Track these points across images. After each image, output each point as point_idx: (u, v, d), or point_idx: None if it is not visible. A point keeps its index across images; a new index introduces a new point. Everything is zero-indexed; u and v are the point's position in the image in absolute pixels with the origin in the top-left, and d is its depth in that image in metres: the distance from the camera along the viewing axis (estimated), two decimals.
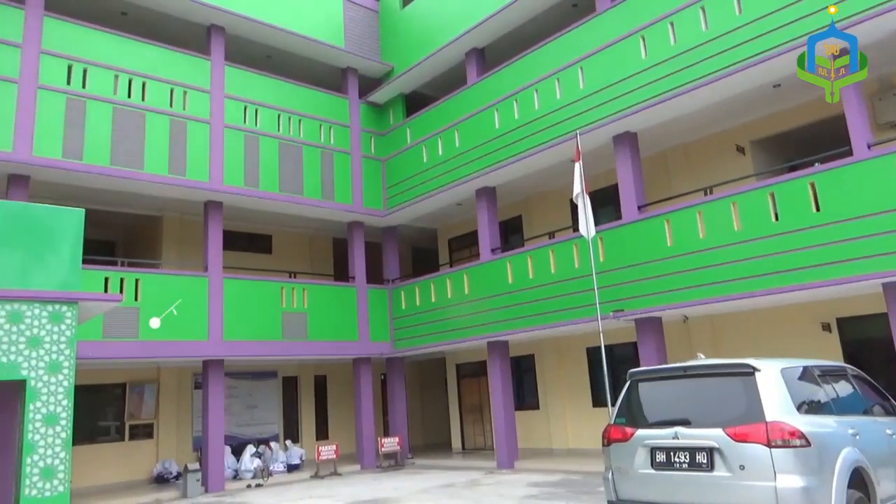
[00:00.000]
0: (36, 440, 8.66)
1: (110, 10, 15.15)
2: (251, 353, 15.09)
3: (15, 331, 8.89)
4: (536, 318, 13.68)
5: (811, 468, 5.19)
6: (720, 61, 11.07)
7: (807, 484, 5.12)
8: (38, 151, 12.76)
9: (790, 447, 5.20)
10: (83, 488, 14.28)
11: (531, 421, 16.84)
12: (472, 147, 15.69)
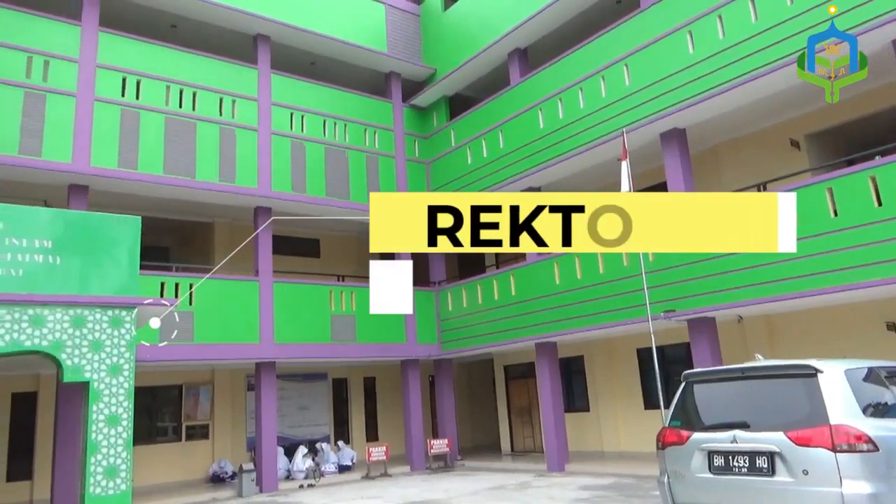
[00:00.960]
0: (99, 440, 9.00)
1: (161, 24, 15.62)
2: (301, 356, 15.34)
3: (78, 335, 9.26)
4: (585, 318, 13.52)
5: (879, 474, 4.99)
6: (771, 54, 10.76)
7: (875, 490, 4.92)
8: (95, 162, 13.23)
9: (856, 452, 5.01)
10: (142, 487, 14.72)
11: (581, 423, 16.65)
12: (517, 148, 15.63)
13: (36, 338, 8.93)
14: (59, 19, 13.47)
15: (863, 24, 9.54)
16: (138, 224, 10.47)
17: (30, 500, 14.31)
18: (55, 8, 14.02)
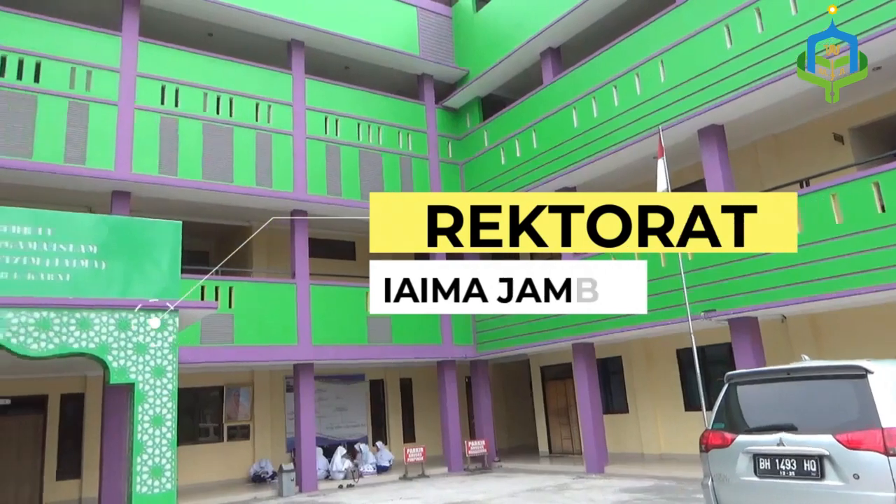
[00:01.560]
0: (144, 440, 9.19)
1: (197, 32, 15.94)
2: (338, 357, 15.48)
3: (123, 337, 9.48)
4: (622, 319, 13.36)
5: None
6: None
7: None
8: (137, 169, 13.56)
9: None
10: (186, 486, 15.01)
11: (620, 425, 16.45)
12: (551, 147, 15.53)
13: (83, 340, 9.16)
14: (101, 31, 13.84)
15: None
16: (179, 228, 10.68)
17: (79, 499, 14.74)
18: (97, 20, 14.42)
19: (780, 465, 5.49)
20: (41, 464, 14.66)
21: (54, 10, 14.14)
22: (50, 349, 8.96)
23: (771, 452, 5.57)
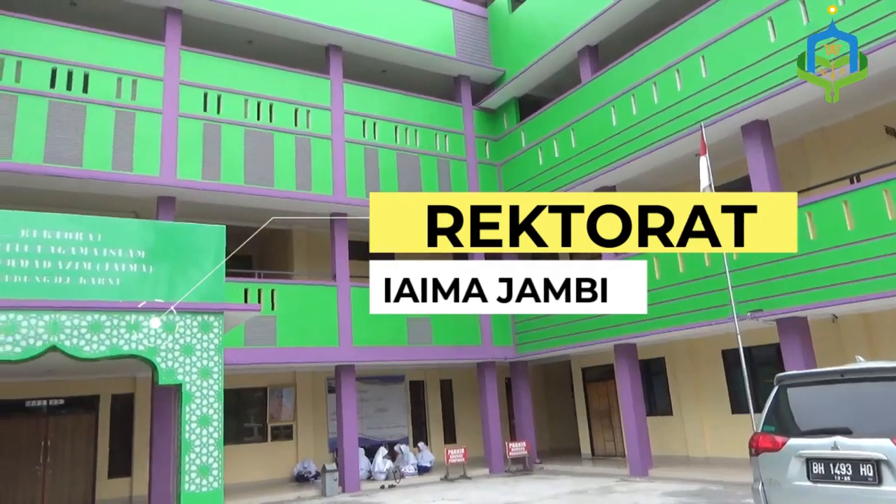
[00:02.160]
0: (192, 440, 9.40)
1: (238, 40, 16.24)
2: (379, 358, 15.58)
3: (171, 339, 9.71)
4: (665, 319, 13.15)
5: None
6: (861, 37, 10.13)
7: None
8: (181, 174, 13.88)
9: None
10: (231, 485, 15.27)
11: (665, 427, 16.18)
12: (589, 147, 15.38)
13: (133, 342, 9.42)
14: (145, 41, 14.22)
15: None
16: (223, 232, 10.90)
17: (129, 496, 15.15)
18: (141, 31, 14.81)
19: (835, 470, 5.32)
20: (94, 462, 15.12)
21: (101, 23, 14.57)
22: (101, 351, 9.23)
23: (825, 456, 5.40)
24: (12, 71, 12.72)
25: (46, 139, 12.69)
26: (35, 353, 8.83)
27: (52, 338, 8.91)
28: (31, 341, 8.80)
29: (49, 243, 9.52)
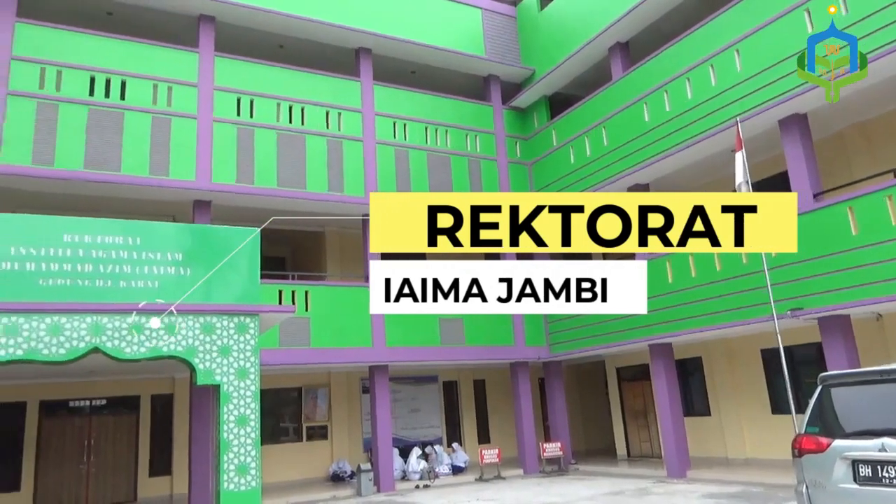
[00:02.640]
0: (230, 439, 9.54)
1: (269, 45, 16.45)
2: (412, 359, 15.63)
3: (208, 341, 9.87)
4: (702, 318, 12.93)
5: None
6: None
7: None
8: (216, 178, 14.12)
9: None
10: (268, 484, 15.47)
11: (702, 428, 15.89)
12: (621, 144, 15.22)
13: (172, 344, 9.59)
14: (180, 48, 14.50)
15: None
16: (257, 235, 11.04)
17: (170, 494, 15.45)
18: (176, 38, 15.10)
19: (884, 473, 5.18)
20: (135, 461, 15.46)
21: (137, 31, 14.89)
22: (142, 352, 9.43)
23: (872, 458, 5.26)
24: (53, 80, 13.08)
25: (86, 146, 13.02)
26: (78, 355, 9.05)
27: (94, 339, 9.13)
28: (75, 343, 9.03)
29: (90, 247, 9.75)
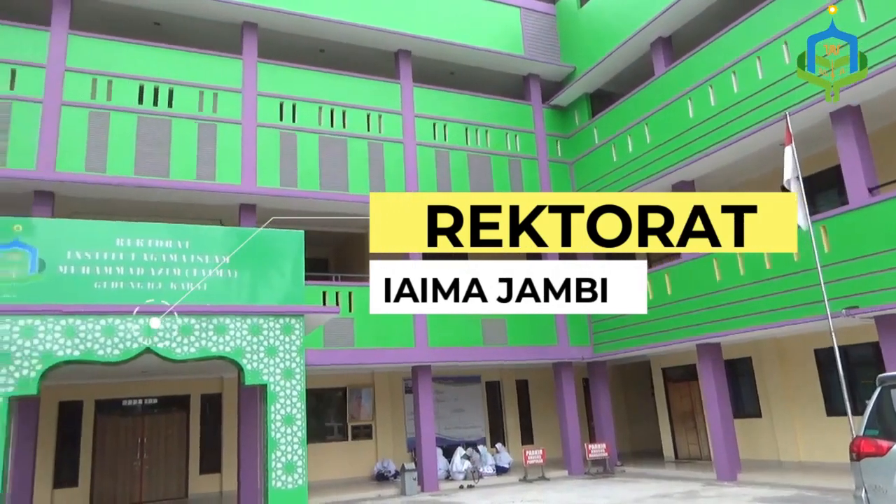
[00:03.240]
0: (277, 438, 9.71)
1: (311, 49, 16.68)
2: (455, 359, 15.63)
3: (255, 341, 10.06)
4: (752, 317, 12.61)
5: None
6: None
7: None
8: (261, 182, 14.38)
9: None
10: (314, 482, 15.64)
11: (753, 430, 15.48)
12: (665, 141, 14.97)
13: (220, 344, 9.82)
14: (224, 55, 14.82)
15: None
16: (301, 237, 11.21)
17: (219, 491, 15.80)
18: (220, 45, 15.43)
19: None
20: (186, 458, 15.86)
21: (183, 40, 15.28)
22: (192, 353, 9.66)
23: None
24: (104, 89, 13.51)
25: (136, 152, 13.41)
26: (132, 355, 9.33)
27: (146, 340, 9.40)
28: (128, 344, 9.31)
29: (142, 251, 10.05)
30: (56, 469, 14.68)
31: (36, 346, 8.84)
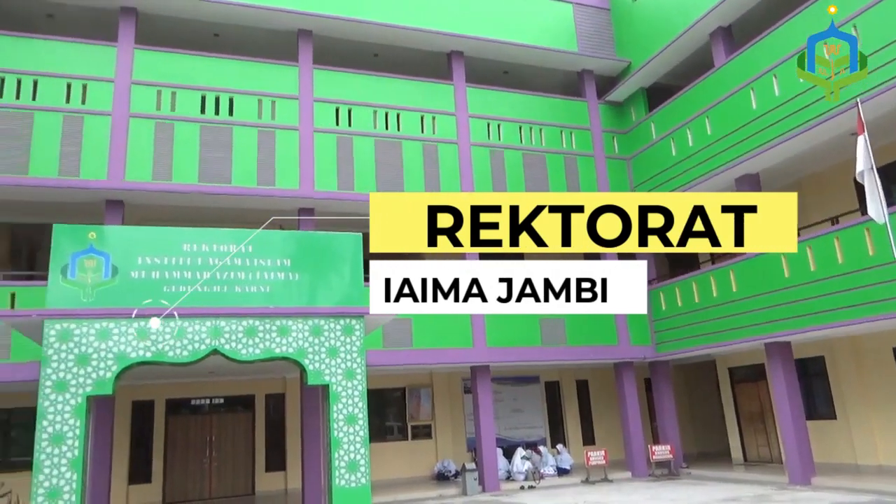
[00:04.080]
0: (340, 437, 9.86)
1: (364, 53, 16.88)
2: (513, 359, 15.54)
3: (317, 342, 10.25)
4: (823, 315, 12.08)
5: None
6: None
7: None
8: (318, 186, 14.64)
9: None
10: (375, 481, 15.77)
11: (827, 432, 14.83)
12: (727, 133, 14.52)
13: (284, 346, 10.04)
14: (281, 63, 15.14)
15: None
16: (359, 240, 11.37)
17: (284, 489, 16.15)
18: (277, 53, 15.77)
19: None
20: (252, 456, 16.29)
21: (241, 50, 15.70)
22: (256, 354, 9.92)
23: None
24: (168, 100, 14.00)
25: (200, 160, 13.84)
26: (200, 356, 9.64)
27: (213, 342, 9.69)
28: (197, 345, 9.62)
29: (208, 255, 10.39)
30: (131, 466, 15.29)
31: (111, 347, 9.23)
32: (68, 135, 13.08)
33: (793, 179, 15.43)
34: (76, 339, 9.12)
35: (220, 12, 14.85)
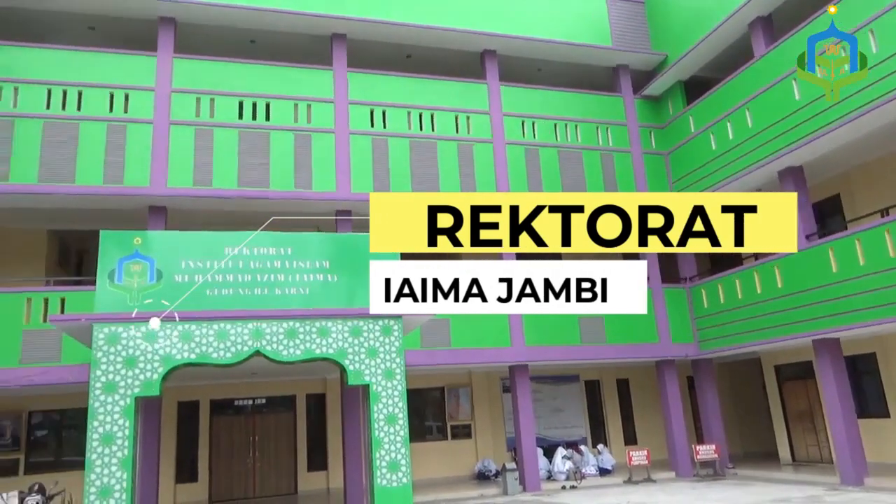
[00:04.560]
0: (381, 437, 9.90)
1: (397, 55, 16.96)
2: (552, 358, 15.43)
3: (356, 343, 10.31)
4: (874, 310, 11.69)
5: None
6: None
7: None
8: (355, 188, 14.74)
9: None
10: (416, 481, 15.79)
11: (880, 431, 14.34)
12: (769, 125, 14.17)
13: (324, 346, 10.13)
14: (315, 67, 15.31)
15: None
16: None
17: (326, 488, 16.32)
18: (311, 57, 15.95)
19: None
20: (294, 456, 16.50)
21: (276, 55, 15.92)
22: (297, 355, 10.03)
23: None
24: (207, 107, 14.27)
25: (238, 165, 14.07)
26: (243, 358, 9.79)
27: (255, 343, 9.84)
28: (239, 347, 9.77)
29: (248, 259, 10.55)
30: (177, 465, 15.63)
31: (157, 350, 9.44)
32: (112, 143, 13.43)
33: (839, 171, 14.99)
34: (124, 342, 9.35)
35: (256, 19, 15.07)
